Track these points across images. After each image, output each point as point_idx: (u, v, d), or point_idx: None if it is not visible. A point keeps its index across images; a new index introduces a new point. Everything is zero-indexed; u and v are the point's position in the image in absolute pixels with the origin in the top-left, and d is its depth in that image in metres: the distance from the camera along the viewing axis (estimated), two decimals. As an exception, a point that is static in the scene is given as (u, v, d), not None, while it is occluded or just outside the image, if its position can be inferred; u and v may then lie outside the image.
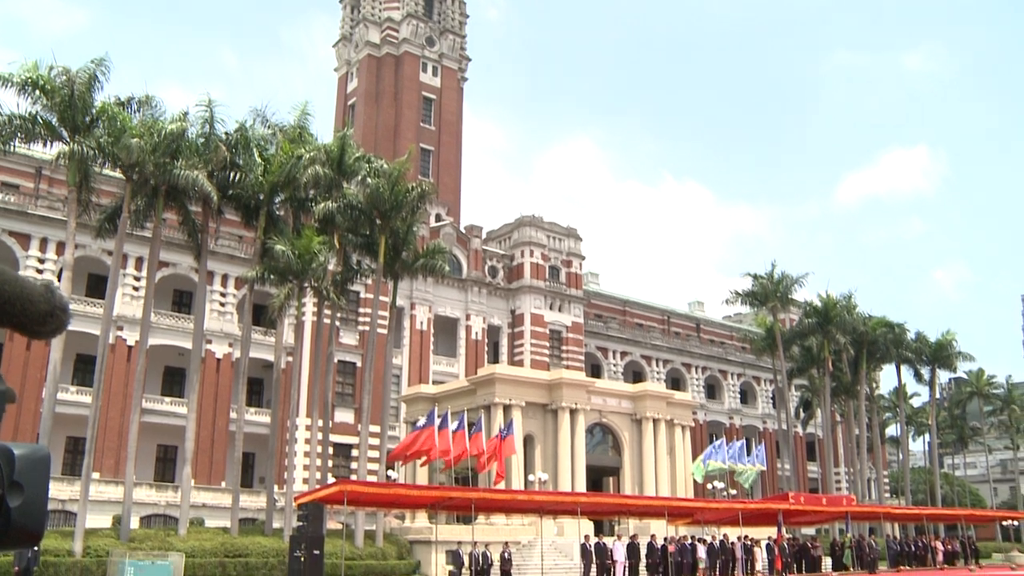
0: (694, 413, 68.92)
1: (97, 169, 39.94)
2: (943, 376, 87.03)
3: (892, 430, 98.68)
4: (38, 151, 49.89)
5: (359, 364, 60.48)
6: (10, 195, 53.28)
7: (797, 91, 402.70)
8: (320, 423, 46.06)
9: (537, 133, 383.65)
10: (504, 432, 45.55)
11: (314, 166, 42.40)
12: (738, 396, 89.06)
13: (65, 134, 37.62)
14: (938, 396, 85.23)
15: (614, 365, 79.44)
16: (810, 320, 69.80)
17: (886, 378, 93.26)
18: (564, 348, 72.24)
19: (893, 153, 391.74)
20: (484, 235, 73.09)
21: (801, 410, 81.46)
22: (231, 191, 42.94)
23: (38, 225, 52.51)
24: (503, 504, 39.50)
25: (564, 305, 73.08)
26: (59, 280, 41.44)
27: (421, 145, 72.56)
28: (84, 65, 37.31)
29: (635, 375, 79.35)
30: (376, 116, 75.53)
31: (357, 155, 46.47)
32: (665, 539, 39.35)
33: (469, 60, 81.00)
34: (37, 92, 36.56)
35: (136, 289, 54.11)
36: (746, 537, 42.87)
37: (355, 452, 54.91)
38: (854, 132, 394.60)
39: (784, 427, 71.14)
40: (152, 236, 42.53)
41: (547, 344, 71.15)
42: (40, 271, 51.58)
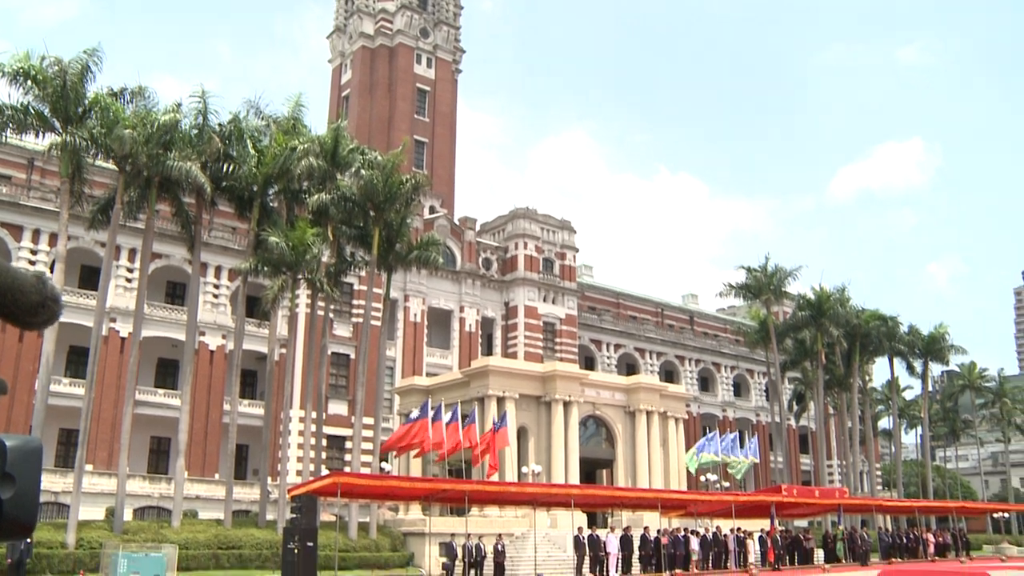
0: (687, 405, 69.03)
1: (90, 160, 39.83)
2: (935, 369, 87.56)
3: (884, 423, 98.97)
4: (30, 142, 49.71)
5: (353, 356, 60.46)
6: (2, 186, 53.05)
7: (792, 84, 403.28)
8: (314, 415, 46.05)
9: (531, 125, 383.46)
10: (497, 424, 45.58)
11: (308, 158, 42.33)
12: (731, 389, 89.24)
13: (57, 125, 37.50)
14: (930, 389, 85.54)
15: (608, 357, 79.53)
16: (803, 313, 69.94)
17: (879, 371, 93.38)
18: (558, 340, 72.29)
19: (887, 146, 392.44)
20: (478, 227, 73.05)
21: (794, 403, 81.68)
22: (225, 182, 42.87)
23: (30, 216, 52.33)
24: (496, 496, 39.53)
25: (558, 297, 73.11)
26: (52, 272, 41.30)
27: (415, 137, 72.45)
28: (76, 55, 37.18)
29: (628, 367, 79.42)
30: (370, 108, 75.37)
31: (351, 147, 46.41)
32: (658, 531, 39.44)
33: (463, 52, 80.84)
34: (29, 82, 36.42)
35: (129, 281, 53.96)
36: (739, 529, 42.98)
37: (349, 444, 54.96)
38: (848, 125, 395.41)
39: (777, 420, 71.34)
40: (145, 227, 42.46)
41: (541, 336, 71.19)
42: (32, 262, 51.40)
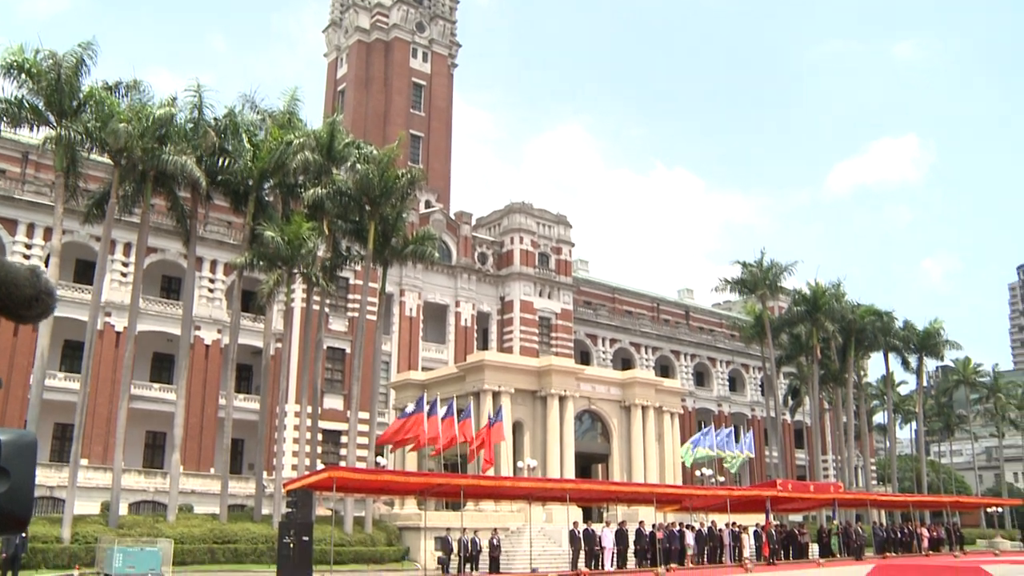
0: (683, 400, 69.12)
1: (84, 154, 39.75)
2: (930, 364, 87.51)
3: (879, 418, 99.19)
4: (24, 135, 49.54)
5: (348, 350, 60.43)
6: (-3, 180, 52.93)
7: (788, 80, 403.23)
8: (309, 409, 46.03)
9: (527, 120, 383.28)
10: (493, 419, 45.61)
11: (303, 152, 42.25)
12: (727, 383, 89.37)
13: (52, 118, 37.39)
14: (925, 384, 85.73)
15: (603, 352, 79.59)
16: (799, 308, 70.03)
17: (874, 366, 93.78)
18: (553, 335, 72.31)
19: (883, 142, 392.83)
20: (474, 222, 72.98)
21: (789, 397, 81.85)
22: (220, 177, 42.78)
23: (25, 210, 52.19)
24: (492, 491, 39.58)
25: (553, 292, 73.12)
26: (46, 266, 41.22)
27: (411, 131, 72.35)
28: (71, 49, 37.05)
29: (624, 362, 79.50)
30: (366, 102, 75.25)
31: (347, 141, 46.34)
32: (653, 526, 39.47)
33: (459, 46, 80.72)
34: (23, 76, 36.29)
35: (124, 275, 53.87)
36: (734, 524, 43.06)
37: (344, 438, 54.96)
38: (844, 121, 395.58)
39: (772, 414, 71.44)
40: (140, 222, 42.35)
41: (536, 331, 71.21)
42: (27, 257, 51.27)
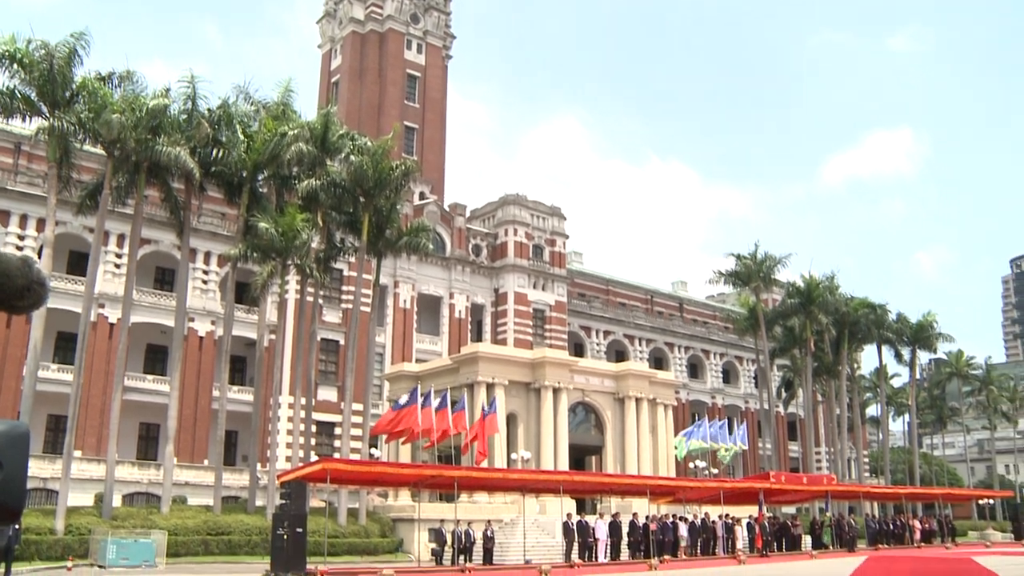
0: (677, 392, 69.23)
1: (78, 145, 39.58)
2: (923, 357, 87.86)
3: (872, 410, 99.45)
4: (17, 126, 49.34)
5: (342, 342, 60.40)
6: (-11, 171, 52.71)
7: (782, 72, 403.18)
8: (303, 401, 46.02)
9: (522, 112, 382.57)
10: (487, 410, 45.65)
11: (297, 143, 42.15)
12: (720, 376, 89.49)
13: (45, 109, 37.24)
14: (918, 377, 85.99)
15: (597, 344, 79.62)
16: (793, 301, 70.11)
17: (867, 359, 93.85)
18: (547, 327, 72.33)
19: (877, 135, 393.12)
20: (468, 213, 72.88)
21: (783, 390, 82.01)
22: (214, 168, 42.66)
23: (18, 201, 51.97)
24: (486, 482, 39.62)
25: (547, 284, 73.11)
26: (39, 257, 41.10)
27: (405, 123, 72.15)
28: (63, 39, 36.88)
29: (618, 354, 79.55)
30: (360, 93, 75.04)
31: (341, 132, 46.24)
32: (647, 517, 39.57)
33: (454, 38, 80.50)
34: (15, 66, 36.14)
35: (118, 266, 53.70)
36: (727, 516, 43.18)
37: (338, 430, 54.94)
38: (839, 113, 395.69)
39: (766, 407, 71.61)
40: (134, 213, 42.25)
41: (530, 323, 71.20)
42: (20, 248, 51.08)
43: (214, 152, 42.14)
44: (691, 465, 61.04)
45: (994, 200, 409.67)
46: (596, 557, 37.58)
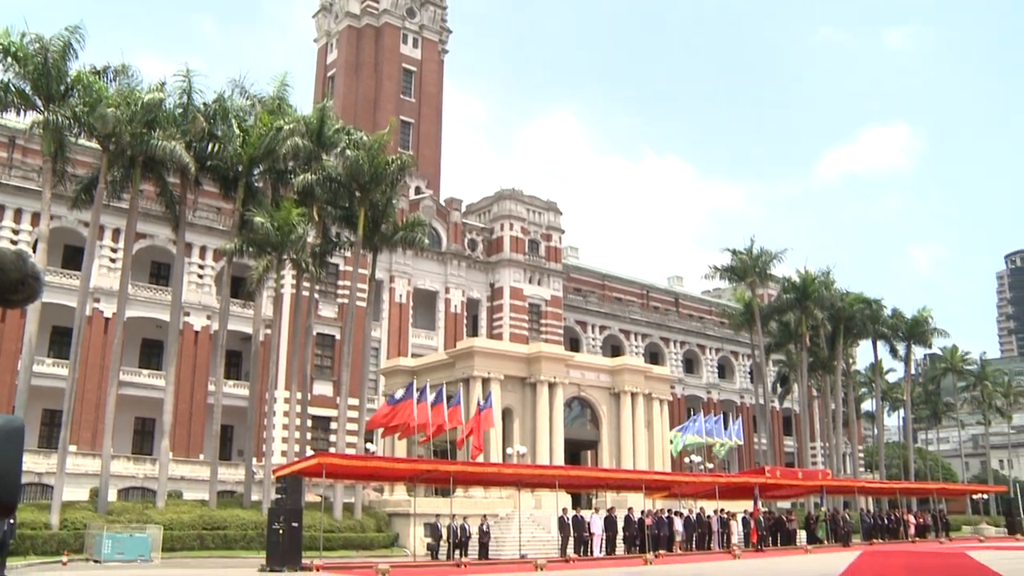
0: (672, 387, 69.30)
1: (72, 139, 39.46)
2: (918, 352, 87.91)
3: (867, 405, 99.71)
4: (11, 120, 49.18)
5: (338, 337, 60.35)
6: (-16, 164, 52.55)
7: (779, 68, 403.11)
8: (299, 396, 45.98)
9: (518, 107, 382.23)
10: (483, 405, 45.67)
11: (293, 138, 42.06)
12: (716, 371, 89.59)
13: (39, 103, 37.09)
14: (913, 372, 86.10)
15: (593, 339, 79.68)
16: (788, 296, 70.20)
17: (862, 354, 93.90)
18: (543, 322, 72.35)
19: (873, 130, 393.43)
20: (464, 208, 72.84)
21: (778, 385, 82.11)
22: (209, 162, 42.55)
23: (12, 195, 51.85)
24: (481, 477, 39.69)
25: (543, 279, 73.12)
26: (34, 251, 40.99)
27: (401, 117, 72.10)
28: (58, 33, 36.73)
29: (614, 349, 79.62)
30: (356, 88, 74.92)
31: (336, 127, 46.14)
32: (642, 512, 39.64)
33: (450, 32, 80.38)
34: (9, 59, 35.97)
35: (113, 261, 53.61)
36: (722, 510, 43.28)
37: (334, 425, 54.92)
38: (835, 109, 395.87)
39: (761, 402, 71.72)
40: (129, 207, 42.13)
41: (526, 318, 71.22)
42: (15, 242, 50.97)
43: (210, 146, 42.04)
44: (686, 460, 61.13)
45: (989, 196, 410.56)
46: (591, 552, 37.66)
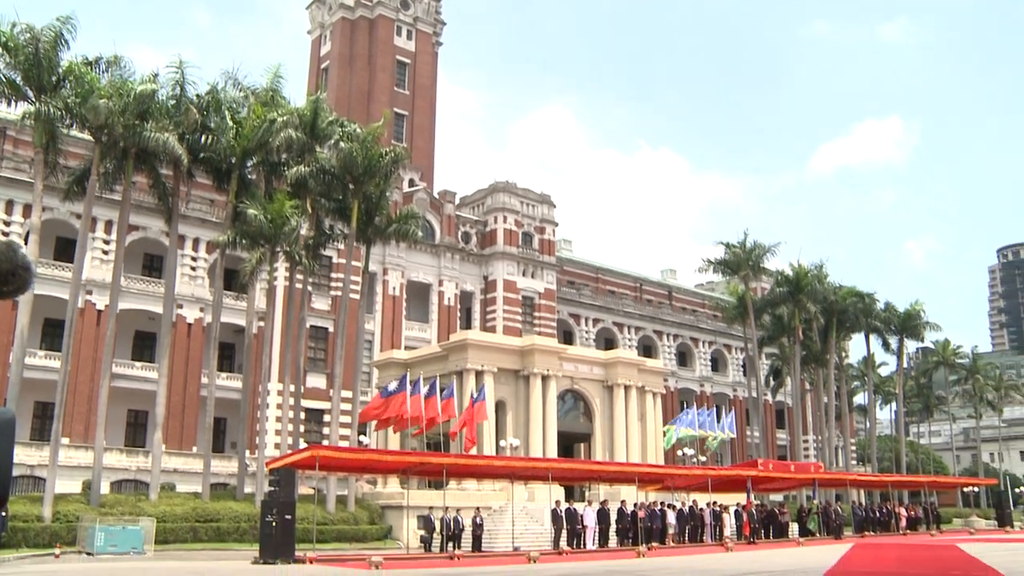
0: (665, 380, 69.39)
1: (64, 130, 39.28)
2: (911, 346, 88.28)
3: (860, 399, 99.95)
4: (2, 110, 48.91)
5: (331, 329, 60.28)
6: (-25, 156, 52.29)
7: (773, 61, 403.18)
8: (292, 388, 45.94)
9: (512, 100, 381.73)
10: (476, 398, 45.70)
11: (287, 130, 41.92)
12: (709, 364, 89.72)
13: (30, 93, 36.93)
14: (905, 366, 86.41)
15: (586, 332, 79.72)
16: (781, 289, 70.29)
17: (855, 347, 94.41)
18: (536, 314, 72.36)
19: (867, 124, 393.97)
20: (457, 201, 72.74)
21: (771, 378, 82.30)
22: (202, 154, 42.42)
23: (3, 187, 51.57)
24: (474, 469, 39.70)
25: (537, 272, 73.12)
26: (26, 243, 40.84)
27: (395, 110, 71.92)
28: (49, 23, 36.55)
29: (607, 342, 79.66)
30: (349, 80, 74.72)
31: (330, 119, 46.00)
32: (635, 505, 39.75)
33: (444, 24, 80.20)
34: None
35: (106, 253, 53.43)
36: (715, 503, 43.39)
37: (327, 417, 54.88)
38: (829, 102, 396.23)
39: (754, 395, 71.85)
40: (122, 199, 41.99)
41: (519, 310, 71.23)
42: (6, 234, 50.71)
43: (203, 138, 41.89)
44: (679, 453, 61.25)
45: (982, 189, 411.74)
46: (584, 544, 37.74)
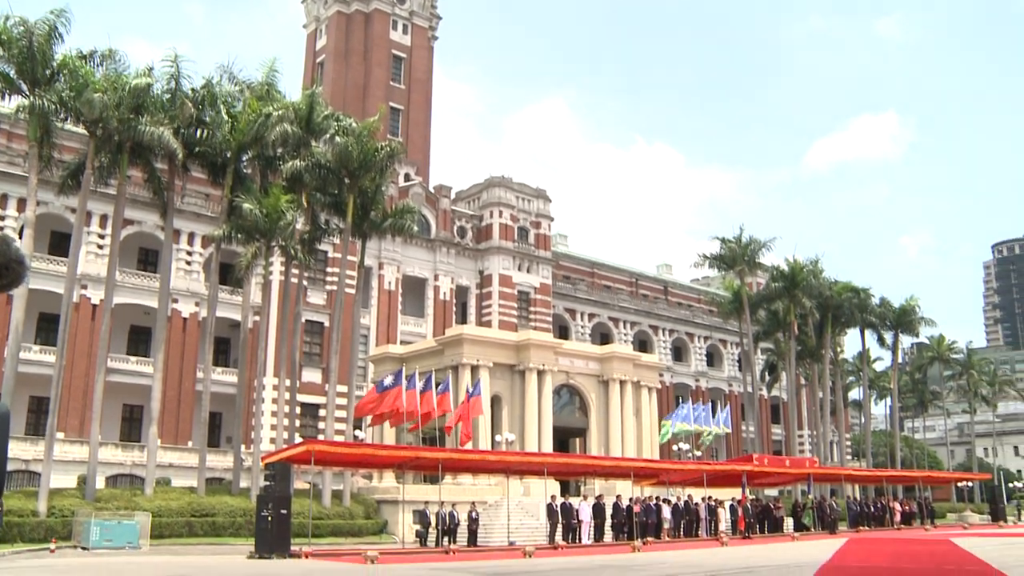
0: (661, 375, 69.47)
1: (59, 124, 39.16)
2: (905, 341, 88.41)
3: (855, 394, 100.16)
4: (-4, 104, 48.76)
5: (327, 324, 60.23)
6: (-31, 149, 52.10)
7: (770, 56, 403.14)
8: (287, 383, 45.89)
9: (508, 94, 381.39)
10: (471, 392, 45.69)
11: (282, 124, 41.82)
12: (705, 359, 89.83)
13: (25, 87, 36.76)
14: (900, 361, 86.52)
15: (582, 327, 79.76)
16: (777, 284, 70.36)
17: (850, 343, 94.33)
18: (532, 309, 72.36)
19: (863, 119, 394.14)
20: (453, 195, 72.71)
21: (766, 373, 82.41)
22: (197, 148, 42.29)
23: (-2, 181, 51.47)
24: (470, 464, 39.73)
25: (532, 266, 73.11)
26: (20, 237, 40.69)
27: (390, 104, 71.83)
28: (43, 16, 36.39)
29: (602, 337, 79.71)
30: (345, 74, 74.60)
31: (326, 113, 45.90)
32: (630, 499, 39.78)
33: (440, 18, 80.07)
34: (-7, 43, 35.64)
35: (101, 247, 53.33)
36: (710, 498, 43.46)
37: (322, 412, 54.88)
38: (825, 97, 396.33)
39: (749, 390, 71.97)
40: (117, 193, 41.86)
41: (515, 305, 71.23)
42: (0, 228, 50.63)
43: (198, 132, 41.77)
44: (674, 448, 61.34)
45: (978, 185, 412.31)
46: (580, 539, 37.76)
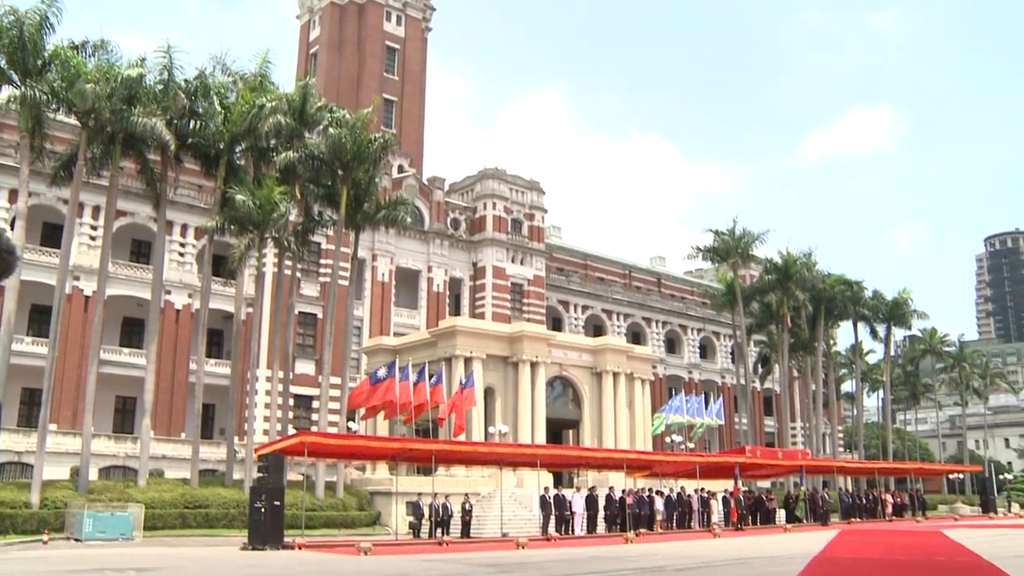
0: (654, 367, 69.57)
1: (51, 115, 38.92)
2: (898, 334, 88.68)
3: (847, 386, 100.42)
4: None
5: (320, 315, 60.20)
6: (-40, 140, 51.88)
7: (764, 49, 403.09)
8: (281, 374, 45.87)
9: (502, 86, 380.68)
10: (464, 384, 45.73)
11: (275, 115, 41.69)
12: (698, 351, 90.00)
13: (15, 77, 36.58)
14: (893, 353, 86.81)
15: (575, 319, 79.82)
16: (770, 277, 70.46)
17: (843, 335, 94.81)
18: (525, 301, 72.40)
19: (857, 112, 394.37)
20: (447, 187, 72.65)
21: (759, 365, 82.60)
22: (190, 139, 42.14)
23: (-10, 171, 51.26)
24: (463, 456, 39.75)
25: (526, 258, 73.12)
26: (12, 229, 40.57)
27: (384, 95, 71.64)
28: (34, 6, 36.21)
29: (596, 329, 79.78)
30: (339, 65, 74.39)
31: (319, 105, 45.77)
32: (623, 491, 39.89)
33: (433, 10, 79.83)
34: (-17, 32, 35.45)
35: (93, 238, 53.19)
36: (703, 490, 43.58)
37: (316, 404, 54.86)
38: (819, 90, 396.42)
39: (742, 382, 72.11)
40: (109, 184, 41.73)
41: (508, 297, 71.25)
42: (-7, 218, 50.43)
43: (191, 123, 41.60)
44: (667, 439, 61.47)
45: (971, 179, 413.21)
46: (573, 530, 37.86)
